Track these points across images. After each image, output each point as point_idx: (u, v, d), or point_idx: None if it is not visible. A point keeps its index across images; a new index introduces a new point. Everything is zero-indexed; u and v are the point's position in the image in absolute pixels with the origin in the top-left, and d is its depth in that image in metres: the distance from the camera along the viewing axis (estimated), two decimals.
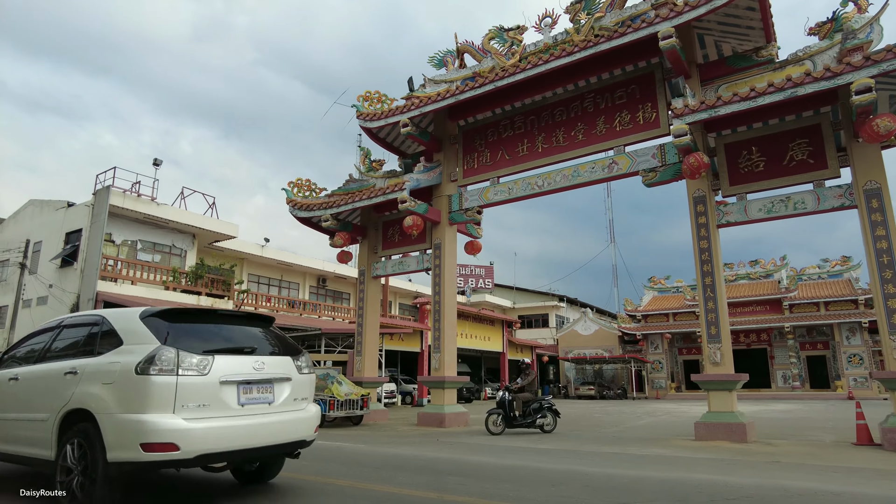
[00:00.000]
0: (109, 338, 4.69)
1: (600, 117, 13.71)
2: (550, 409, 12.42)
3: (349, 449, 9.32)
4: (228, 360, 4.66)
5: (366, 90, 16.17)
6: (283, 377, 5.04)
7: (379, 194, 15.08)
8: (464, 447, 9.87)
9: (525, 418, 12.18)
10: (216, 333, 4.94)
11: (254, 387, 4.76)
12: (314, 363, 17.75)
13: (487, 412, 12.52)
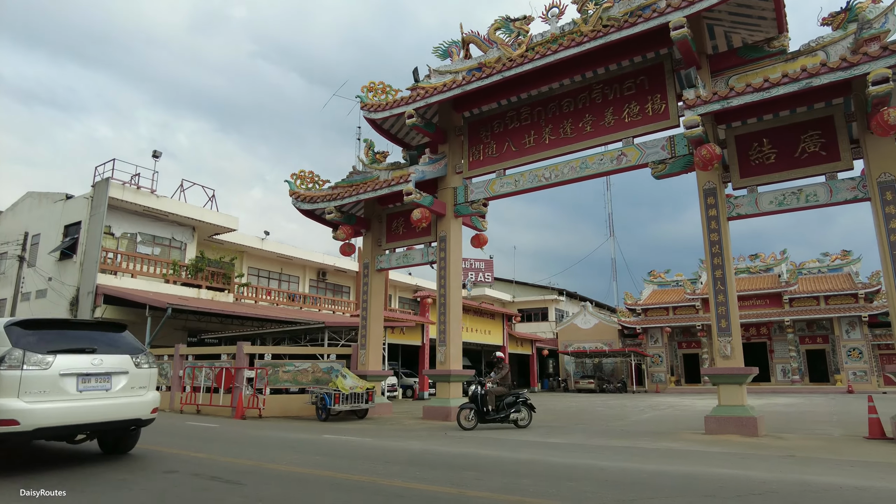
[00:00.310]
0: None
1: (609, 108, 13.57)
2: (525, 404, 12.14)
3: (357, 443, 9.22)
4: (69, 358, 6.14)
5: (370, 81, 15.99)
6: (121, 371, 6.58)
7: (384, 186, 14.93)
8: (473, 441, 9.78)
9: (498, 413, 11.94)
10: (66, 337, 6.43)
11: (92, 377, 6.27)
12: (319, 356, 17.70)
13: (459, 407, 12.26)
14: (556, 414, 17.71)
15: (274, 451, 8.00)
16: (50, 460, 6.79)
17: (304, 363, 16.12)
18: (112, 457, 7.18)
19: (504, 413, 11.94)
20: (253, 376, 15.44)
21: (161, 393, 17.67)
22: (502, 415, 11.93)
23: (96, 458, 7.08)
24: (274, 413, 15.31)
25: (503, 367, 12.63)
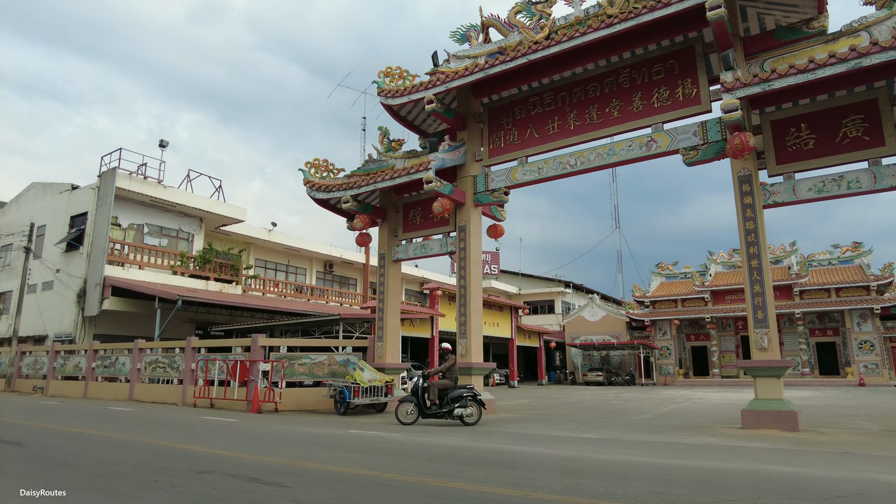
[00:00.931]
0: None
1: (637, 93, 13.13)
2: (473, 399, 11.35)
3: (385, 438, 8.87)
4: None
5: (387, 66, 15.54)
6: None
7: (402, 174, 14.51)
8: (504, 436, 9.43)
9: (441, 407, 11.26)
10: None
11: None
12: (334, 349, 17.35)
13: (400, 400, 11.82)
14: (574, 407, 17.39)
15: (303, 447, 7.65)
16: (69, 461, 6.44)
17: (320, 356, 15.78)
18: (139, 455, 6.83)
19: (448, 408, 11.19)
20: (268, 369, 15.10)
21: (172, 386, 17.38)
22: (445, 409, 11.20)
23: (120, 453, 6.74)
24: (290, 407, 14.98)
25: (449, 359, 11.85)
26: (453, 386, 11.58)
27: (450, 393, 11.37)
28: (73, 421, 11.20)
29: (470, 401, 11.30)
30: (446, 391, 11.43)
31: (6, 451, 6.91)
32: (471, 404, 11.30)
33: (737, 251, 46.38)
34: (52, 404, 16.35)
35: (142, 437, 8.47)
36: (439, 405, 11.30)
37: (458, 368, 11.82)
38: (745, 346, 43.47)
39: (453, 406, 11.19)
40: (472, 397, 11.35)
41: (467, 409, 11.23)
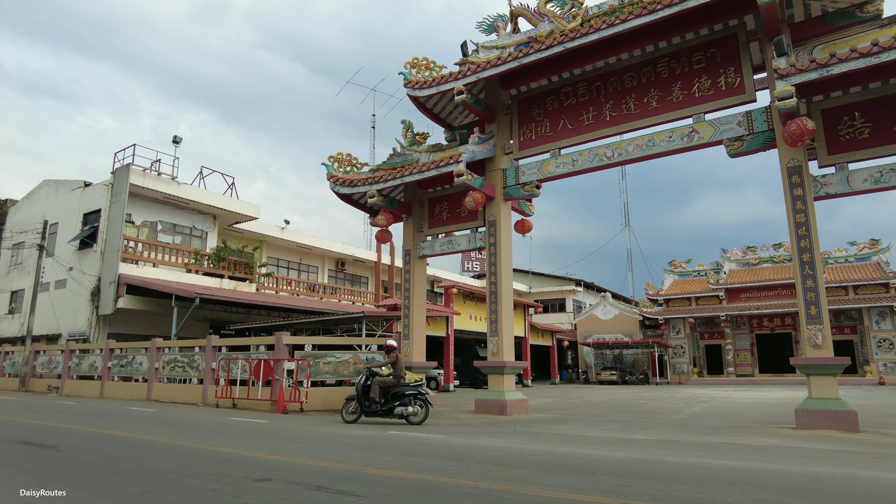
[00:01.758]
0: None
1: (676, 83, 12.70)
2: (418, 397, 11.00)
3: (433, 440, 8.46)
4: None
5: (413, 56, 15.13)
6: None
7: (431, 167, 14.09)
8: (557, 438, 9.01)
9: (384, 406, 10.97)
10: None
11: None
12: (355, 347, 16.97)
13: (346, 398, 11.55)
14: (602, 407, 16.96)
15: (355, 451, 7.24)
16: (115, 468, 6.05)
17: (345, 354, 15.38)
18: (185, 460, 6.44)
19: (389, 405, 10.93)
20: (293, 368, 14.70)
21: (192, 386, 17.00)
22: (386, 408, 10.93)
23: (165, 459, 6.34)
24: (315, 406, 14.59)
25: (392, 356, 11.46)
26: (396, 384, 11.20)
27: (391, 391, 11.06)
28: (101, 422, 10.82)
29: (414, 399, 10.99)
30: (389, 389, 11.12)
31: (43, 456, 6.53)
32: (415, 403, 10.98)
33: (751, 248, 45.92)
34: (71, 404, 15.98)
35: (179, 440, 8.08)
36: (383, 403, 11.01)
37: (403, 366, 11.58)
38: (759, 344, 43.01)
39: (394, 404, 10.93)
40: (416, 395, 11.00)
41: (409, 407, 10.89)
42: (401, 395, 10.97)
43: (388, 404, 10.95)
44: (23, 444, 7.49)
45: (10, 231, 27.98)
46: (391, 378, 11.23)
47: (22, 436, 8.33)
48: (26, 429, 9.39)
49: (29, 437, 8.09)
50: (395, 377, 11.26)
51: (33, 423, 10.46)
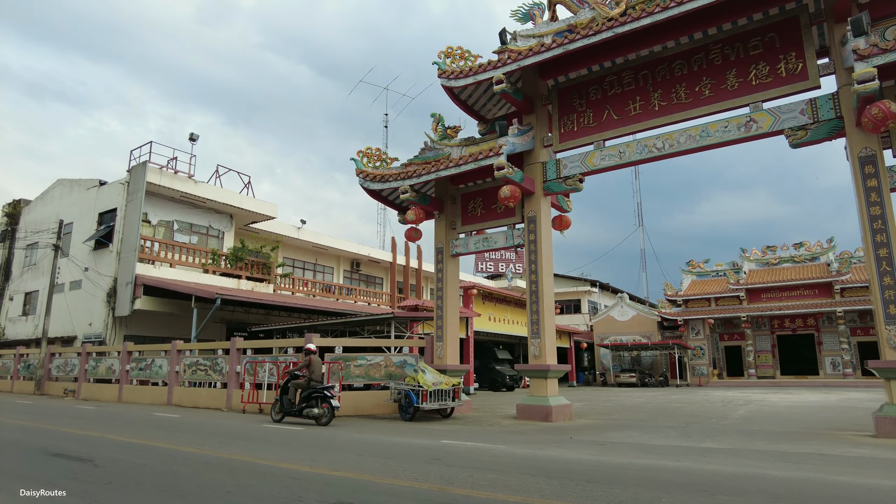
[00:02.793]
0: None
1: (731, 70, 12.01)
2: (324, 399, 11.41)
3: (496, 451, 7.79)
4: None
5: (447, 46, 14.51)
6: None
7: (469, 161, 13.44)
8: (626, 448, 8.32)
9: (298, 406, 11.46)
10: None
11: None
12: (384, 349, 16.33)
13: (275, 398, 12.20)
14: (641, 411, 16.23)
15: (418, 463, 6.58)
16: (166, 486, 5.41)
17: (376, 356, 14.75)
18: (241, 477, 5.79)
19: (300, 406, 11.43)
20: (324, 371, 14.05)
21: (216, 390, 16.38)
22: (296, 409, 11.48)
23: (216, 475, 5.70)
24: (346, 412, 13.94)
25: (306, 359, 11.89)
26: (307, 386, 11.59)
27: (303, 393, 11.52)
28: (130, 430, 10.20)
29: (319, 401, 11.41)
30: (302, 391, 11.59)
31: (81, 472, 5.90)
32: (321, 405, 11.39)
33: (770, 248, 45.06)
34: (91, 409, 15.39)
35: (224, 452, 7.44)
36: (298, 403, 11.53)
37: (319, 368, 12.00)
38: (781, 345, 42.12)
39: (303, 406, 11.42)
40: (322, 398, 11.41)
41: (315, 409, 11.32)
42: (309, 396, 11.42)
43: (302, 405, 11.42)
44: (55, 456, 6.87)
45: (23, 231, 27.50)
46: (303, 380, 11.63)
47: (52, 446, 7.71)
48: (54, 438, 8.78)
49: (60, 448, 7.47)
50: (308, 379, 11.63)
51: (59, 430, 9.85)
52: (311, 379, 11.61)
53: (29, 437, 8.86)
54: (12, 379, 23.82)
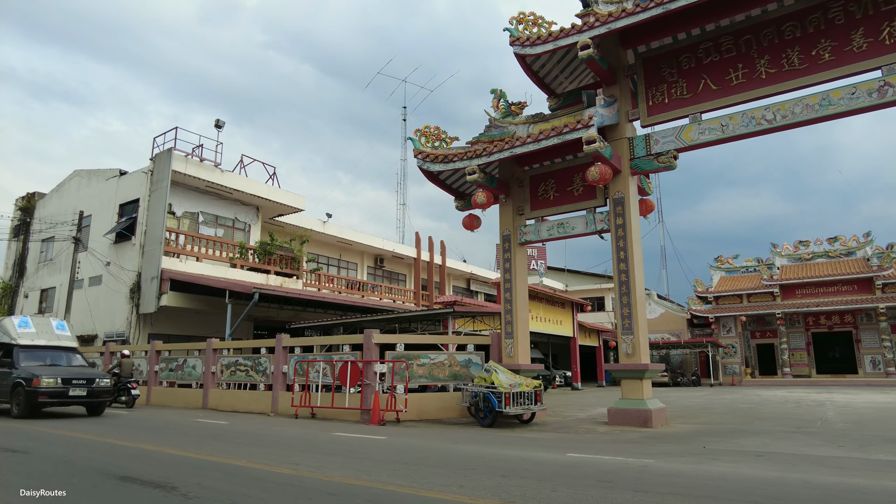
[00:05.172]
0: None
1: (857, 30, 10.59)
2: (128, 390, 15.67)
3: (662, 469, 6.36)
4: None
5: (519, 11, 13.10)
6: None
7: (551, 135, 12.04)
8: (782, 460, 6.93)
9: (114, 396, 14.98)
10: None
11: None
12: (440, 346, 14.95)
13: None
14: (716, 413, 14.80)
15: (602, 490, 5.18)
16: None
17: (440, 355, 13.37)
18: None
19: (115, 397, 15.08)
20: (385, 371, 12.69)
21: (259, 393, 15.02)
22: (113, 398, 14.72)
23: None
24: (411, 416, 12.55)
25: (116, 361, 16.68)
26: (117, 381, 15.34)
27: (116, 386, 15.16)
28: (186, 442, 8.83)
29: (126, 391, 15.65)
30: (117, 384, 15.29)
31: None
32: (128, 394, 15.67)
33: (803, 243, 43.67)
34: (124, 413, 14.03)
35: (325, 473, 6.08)
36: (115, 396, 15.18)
37: (129, 367, 16.34)
38: (816, 343, 40.68)
39: (117, 395, 15.32)
40: (127, 389, 15.64)
41: (123, 396, 15.72)
42: (119, 389, 15.49)
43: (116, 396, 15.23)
44: (124, 480, 5.50)
45: (38, 226, 26.13)
46: (114, 378, 14.90)
47: (113, 466, 6.33)
48: (108, 453, 7.40)
49: (125, 470, 6.08)
50: (116, 377, 15.42)
51: (105, 441, 8.48)
52: (119, 376, 15.66)
53: (77, 451, 7.48)
54: None
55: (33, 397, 11.77)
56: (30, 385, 11.82)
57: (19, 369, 12.31)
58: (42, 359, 13.04)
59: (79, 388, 12.34)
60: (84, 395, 12.43)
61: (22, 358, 12.67)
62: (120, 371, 15.97)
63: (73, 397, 12.31)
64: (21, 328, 13.42)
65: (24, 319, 13.82)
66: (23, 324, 13.62)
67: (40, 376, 11.90)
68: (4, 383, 12.44)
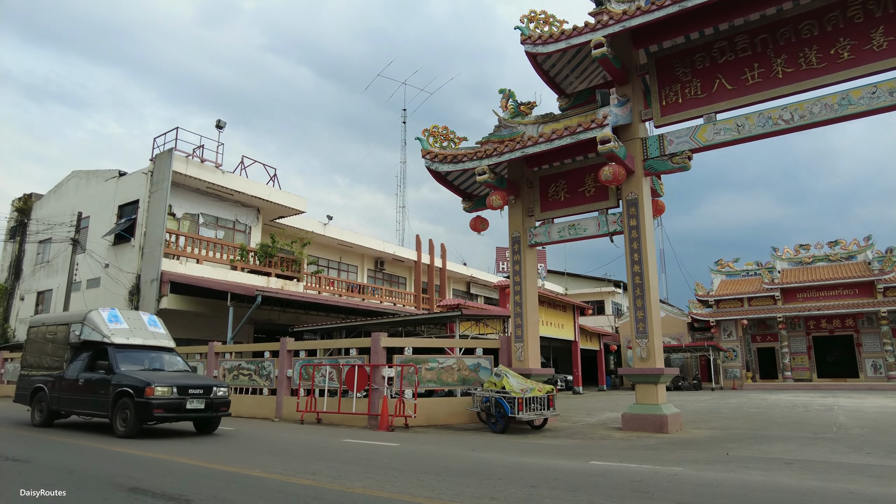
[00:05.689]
0: None
1: (877, 28, 10.43)
2: None
3: (692, 478, 6.13)
4: None
5: (530, 10, 12.89)
6: None
7: (564, 135, 11.82)
8: (815, 467, 6.69)
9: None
10: None
11: None
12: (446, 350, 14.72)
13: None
14: (726, 418, 14.58)
15: (639, 501, 4.93)
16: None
17: (448, 359, 13.10)
18: None
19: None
20: (392, 375, 12.42)
21: (263, 398, 14.72)
22: None
23: None
24: (419, 422, 12.27)
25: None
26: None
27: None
28: (197, 450, 8.53)
29: None
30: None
31: None
32: None
33: (804, 246, 43.60)
34: None
35: (347, 484, 5.80)
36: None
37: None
38: (817, 347, 40.52)
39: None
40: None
41: None
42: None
43: None
44: (134, 492, 5.22)
45: (35, 227, 25.75)
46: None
47: (122, 477, 6.04)
48: (114, 461, 7.11)
49: (135, 481, 5.80)
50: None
51: (110, 449, 8.17)
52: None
53: (82, 460, 7.19)
54: None
55: (146, 411, 9.24)
56: (141, 395, 9.26)
57: (120, 374, 9.85)
58: (140, 362, 10.61)
59: (196, 400, 9.75)
60: (202, 409, 9.87)
61: (120, 361, 10.23)
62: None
63: (189, 410, 9.74)
64: (112, 323, 10.97)
65: (114, 313, 11.42)
66: (113, 318, 11.17)
67: (153, 384, 9.37)
68: (102, 392, 9.92)
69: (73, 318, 11.41)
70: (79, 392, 10.42)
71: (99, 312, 11.21)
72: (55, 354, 11.40)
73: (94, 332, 10.79)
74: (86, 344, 10.87)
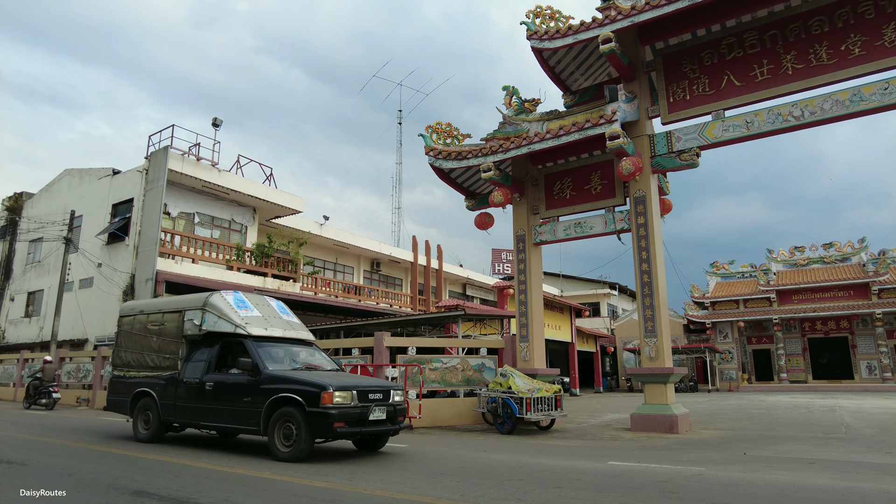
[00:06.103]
0: None
1: (888, 24, 10.35)
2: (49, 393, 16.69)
3: (719, 478, 5.94)
4: None
5: (536, 5, 12.74)
6: None
7: (572, 131, 11.66)
8: (837, 468, 6.53)
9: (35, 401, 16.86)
10: None
11: None
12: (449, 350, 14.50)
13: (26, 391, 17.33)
14: (731, 419, 14.43)
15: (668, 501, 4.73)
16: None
17: (452, 359, 12.90)
18: None
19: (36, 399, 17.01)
20: (396, 376, 12.18)
21: None
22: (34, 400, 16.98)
23: None
24: (423, 423, 12.04)
25: (43, 367, 17.63)
26: (41, 385, 16.95)
27: (39, 389, 16.90)
28: (205, 453, 8.25)
29: (48, 394, 16.66)
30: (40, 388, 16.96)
31: None
32: (49, 397, 16.64)
33: (798, 248, 43.75)
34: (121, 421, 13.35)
35: (368, 487, 5.56)
36: (35, 399, 16.89)
37: (52, 373, 17.44)
38: (812, 349, 40.63)
39: (37, 398, 16.82)
40: (48, 392, 16.67)
41: (44, 399, 16.65)
42: (40, 392, 16.86)
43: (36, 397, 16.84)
44: (139, 495, 4.96)
45: (26, 226, 25.29)
46: (38, 381, 17.07)
47: (124, 479, 5.77)
48: (113, 463, 6.83)
49: (139, 483, 5.53)
50: (39, 381, 17.12)
51: (113, 452, 7.88)
52: (43, 380, 17.03)
53: (80, 462, 6.90)
54: (15, 386, 21.60)
55: (323, 425, 6.80)
56: (315, 404, 6.86)
57: (271, 375, 7.45)
58: (283, 360, 8.17)
59: (378, 409, 7.40)
60: (383, 419, 7.49)
61: (264, 358, 7.79)
62: (42, 376, 17.24)
63: (373, 423, 7.36)
64: (242, 310, 8.58)
65: (239, 296, 8.97)
66: (240, 302, 8.77)
67: (330, 388, 6.94)
68: (246, 400, 7.50)
69: (188, 304, 8.90)
70: (206, 399, 7.97)
71: (222, 296, 8.78)
72: (163, 350, 8.89)
73: (222, 321, 8.34)
74: (209, 337, 8.46)
